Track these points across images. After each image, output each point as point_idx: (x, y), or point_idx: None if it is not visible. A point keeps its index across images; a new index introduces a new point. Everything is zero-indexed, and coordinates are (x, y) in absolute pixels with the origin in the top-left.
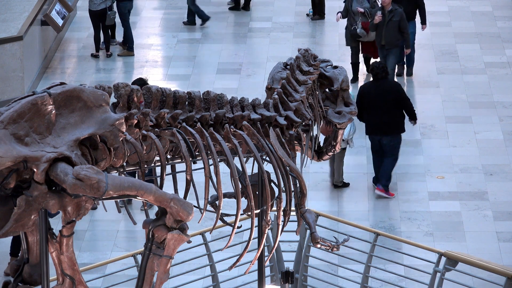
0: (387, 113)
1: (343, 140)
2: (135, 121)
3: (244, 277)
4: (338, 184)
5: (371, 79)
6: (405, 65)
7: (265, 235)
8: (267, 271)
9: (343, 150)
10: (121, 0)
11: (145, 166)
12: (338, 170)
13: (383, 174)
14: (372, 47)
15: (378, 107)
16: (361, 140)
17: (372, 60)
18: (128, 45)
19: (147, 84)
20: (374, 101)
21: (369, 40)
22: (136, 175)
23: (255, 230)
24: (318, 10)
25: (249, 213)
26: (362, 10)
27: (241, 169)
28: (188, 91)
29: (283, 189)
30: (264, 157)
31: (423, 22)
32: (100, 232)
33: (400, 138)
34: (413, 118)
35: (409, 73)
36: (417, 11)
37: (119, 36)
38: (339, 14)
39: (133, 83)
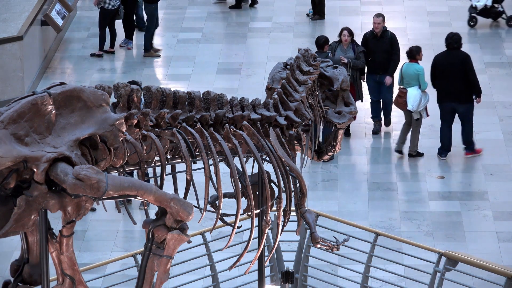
0: (458, 81)
1: (411, 112)
2: (135, 121)
3: (244, 277)
4: (413, 153)
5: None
6: (381, 121)
7: (265, 235)
8: (267, 271)
9: (419, 120)
10: (150, 1)
11: (145, 166)
12: (414, 140)
13: (466, 139)
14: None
15: (449, 75)
16: (361, 141)
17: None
18: (144, 47)
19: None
20: (446, 70)
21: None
22: (136, 175)
23: (255, 230)
24: (318, 10)
25: (249, 213)
26: (345, 60)
27: (241, 169)
28: (188, 91)
29: (283, 189)
30: (264, 157)
31: (391, 74)
32: (100, 232)
33: (473, 105)
34: (477, 92)
35: (387, 123)
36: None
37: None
38: None
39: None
